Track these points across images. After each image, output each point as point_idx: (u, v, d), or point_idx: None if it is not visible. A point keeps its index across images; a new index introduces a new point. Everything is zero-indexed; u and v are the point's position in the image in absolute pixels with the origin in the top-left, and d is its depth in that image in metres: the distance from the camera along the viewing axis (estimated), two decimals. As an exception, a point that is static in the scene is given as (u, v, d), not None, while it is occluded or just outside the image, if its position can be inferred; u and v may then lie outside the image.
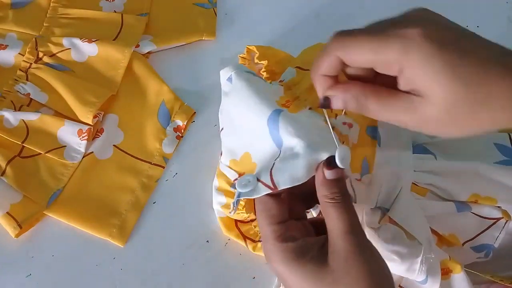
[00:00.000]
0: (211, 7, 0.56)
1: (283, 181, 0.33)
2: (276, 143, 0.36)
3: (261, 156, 0.37)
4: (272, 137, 0.36)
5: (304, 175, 0.32)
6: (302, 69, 0.44)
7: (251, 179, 0.34)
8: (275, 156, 0.35)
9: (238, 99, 0.39)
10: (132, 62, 0.51)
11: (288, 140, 0.35)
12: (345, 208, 0.31)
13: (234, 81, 0.39)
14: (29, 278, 0.44)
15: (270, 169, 0.34)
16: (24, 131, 0.46)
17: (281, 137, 0.35)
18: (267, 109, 0.36)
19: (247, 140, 0.39)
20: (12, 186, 0.45)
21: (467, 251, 0.42)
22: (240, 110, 0.39)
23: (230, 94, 0.40)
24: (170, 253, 0.45)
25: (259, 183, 0.34)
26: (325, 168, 0.32)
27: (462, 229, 0.42)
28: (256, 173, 0.35)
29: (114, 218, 0.46)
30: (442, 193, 0.42)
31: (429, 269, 0.38)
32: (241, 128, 0.39)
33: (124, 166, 0.48)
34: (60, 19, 0.52)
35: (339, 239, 0.30)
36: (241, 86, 0.38)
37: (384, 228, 0.38)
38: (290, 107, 0.39)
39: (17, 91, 0.48)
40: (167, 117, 0.50)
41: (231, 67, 0.40)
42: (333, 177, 0.32)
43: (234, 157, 0.40)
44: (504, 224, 0.43)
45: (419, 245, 0.37)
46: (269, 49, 0.48)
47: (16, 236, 0.44)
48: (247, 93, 0.38)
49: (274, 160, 0.35)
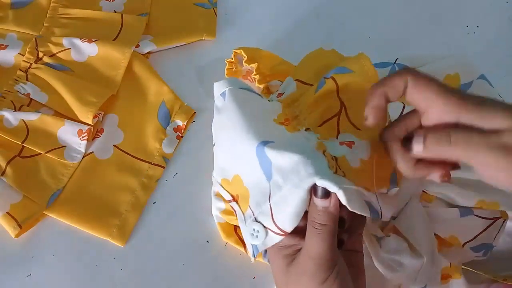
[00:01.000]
0: (211, 7, 0.56)
1: (288, 225, 0.33)
2: (266, 175, 0.35)
3: (252, 184, 0.36)
4: (262, 169, 0.35)
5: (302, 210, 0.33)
6: (304, 83, 0.43)
7: (259, 228, 0.35)
8: (265, 189, 0.35)
9: (229, 121, 0.38)
10: (132, 62, 0.51)
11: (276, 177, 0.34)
12: (323, 237, 0.32)
13: (227, 99, 0.38)
14: (29, 278, 0.44)
15: (270, 215, 0.34)
16: (24, 131, 0.46)
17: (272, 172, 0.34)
18: (254, 139, 0.35)
19: (237, 163, 0.38)
20: (12, 186, 0.45)
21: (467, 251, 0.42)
22: (230, 133, 0.38)
23: (222, 112, 0.39)
24: (170, 253, 0.45)
25: (269, 231, 0.34)
26: (316, 197, 0.32)
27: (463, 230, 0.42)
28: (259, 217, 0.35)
29: (114, 218, 0.46)
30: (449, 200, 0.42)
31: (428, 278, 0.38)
32: (229, 150, 0.39)
33: (124, 166, 0.48)
34: (60, 19, 0.52)
35: (303, 258, 0.33)
36: (232, 108, 0.37)
37: (388, 239, 0.38)
38: (288, 126, 0.38)
39: (17, 91, 0.48)
40: (167, 117, 0.50)
41: (226, 82, 0.39)
42: (322, 205, 0.32)
43: (226, 176, 0.40)
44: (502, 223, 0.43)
45: (421, 257, 0.37)
46: (257, 51, 0.47)
47: (16, 236, 0.44)
48: (237, 117, 0.37)
49: (267, 200, 0.34)
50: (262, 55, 0.48)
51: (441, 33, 0.55)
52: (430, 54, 0.53)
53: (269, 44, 0.54)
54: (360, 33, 0.55)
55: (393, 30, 0.56)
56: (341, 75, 0.38)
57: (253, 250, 0.36)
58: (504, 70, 0.54)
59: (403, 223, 0.39)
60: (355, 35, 0.55)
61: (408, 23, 0.56)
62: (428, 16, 0.56)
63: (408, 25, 0.56)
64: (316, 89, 0.39)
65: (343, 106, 0.38)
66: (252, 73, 0.47)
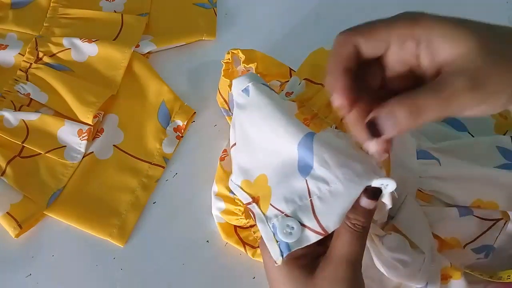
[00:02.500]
0: (211, 7, 0.56)
1: (333, 223, 0.30)
2: (300, 170, 0.32)
3: (280, 180, 0.34)
4: (299, 163, 0.32)
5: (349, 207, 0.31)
6: (313, 82, 0.42)
7: (294, 225, 0.31)
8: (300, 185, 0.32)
9: (258, 116, 0.35)
10: (132, 62, 0.51)
11: (322, 171, 0.31)
12: (360, 239, 0.30)
13: (252, 95, 0.36)
14: (29, 278, 0.44)
15: (311, 211, 0.31)
16: (24, 131, 0.46)
17: (313, 166, 0.32)
18: (298, 132, 0.33)
19: (265, 161, 0.36)
20: (12, 186, 0.45)
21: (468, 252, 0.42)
22: (260, 129, 0.35)
23: (247, 108, 0.36)
24: (170, 253, 0.45)
25: (305, 229, 0.31)
26: (365, 196, 0.31)
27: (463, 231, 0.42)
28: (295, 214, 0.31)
29: (114, 218, 0.46)
30: (446, 198, 0.42)
31: (429, 277, 0.38)
32: (258, 147, 0.36)
33: (124, 166, 0.48)
34: (60, 19, 0.52)
35: (339, 264, 0.30)
36: (262, 103, 0.35)
37: (389, 237, 0.38)
38: (310, 125, 0.36)
39: (17, 91, 0.48)
40: (167, 117, 0.50)
41: (247, 77, 0.37)
42: (368, 207, 0.31)
43: (247, 177, 0.37)
44: (503, 224, 0.43)
45: (422, 254, 0.37)
46: (253, 52, 0.47)
47: (16, 236, 0.44)
48: (271, 112, 0.34)
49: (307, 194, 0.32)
50: (259, 56, 0.47)
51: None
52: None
53: (269, 44, 0.54)
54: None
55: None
56: None
57: (280, 250, 0.31)
58: (504, 70, 0.54)
59: (401, 221, 0.39)
60: (355, 35, 0.55)
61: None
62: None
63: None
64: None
65: None
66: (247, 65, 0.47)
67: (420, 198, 0.42)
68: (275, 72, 0.48)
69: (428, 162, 0.42)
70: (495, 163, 0.43)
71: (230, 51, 0.46)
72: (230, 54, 0.46)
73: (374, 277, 0.40)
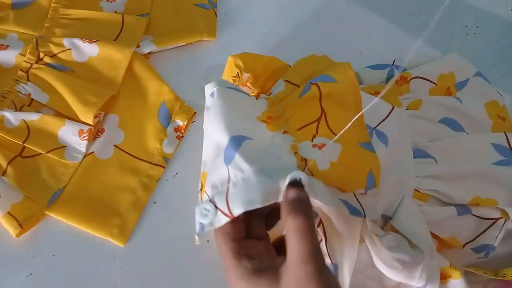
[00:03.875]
0: (211, 7, 0.56)
1: (238, 207, 0.32)
2: (225, 160, 0.35)
3: (212, 171, 0.37)
4: (225, 154, 0.35)
5: (259, 200, 0.32)
6: (291, 83, 0.43)
7: (210, 208, 0.34)
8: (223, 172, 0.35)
9: (212, 116, 0.38)
10: (132, 63, 0.51)
11: (241, 161, 0.34)
12: (307, 233, 0.30)
13: (214, 98, 0.39)
14: (29, 277, 0.44)
15: (225, 195, 0.34)
16: (25, 131, 0.46)
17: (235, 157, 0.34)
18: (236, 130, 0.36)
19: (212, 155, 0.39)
20: (13, 186, 0.45)
21: (468, 252, 0.42)
22: (212, 126, 0.38)
23: (210, 109, 0.40)
24: (170, 253, 0.45)
25: (218, 211, 0.34)
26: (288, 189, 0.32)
27: (462, 231, 0.42)
28: (211, 198, 0.35)
29: (115, 218, 0.46)
30: (444, 197, 0.42)
31: (428, 276, 0.38)
32: (210, 141, 0.39)
33: (125, 166, 0.48)
34: (61, 20, 0.52)
35: (295, 265, 0.30)
36: (217, 104, 0.38)
37: (389, 236, 0.38)
38: (269, 124, 0.38)
39: (18, 91, 0.48)
40: (168, 117, 0.50)
41: (215, 83, 0.40)
42: (294, 196, 0.31)
43: (204, 169, 0.40)
44: (503, 223, 0.43)
45: (421, 253, 0.37)
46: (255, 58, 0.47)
47: (17, 236, 0.44)
48: (219, 110, 0.38)
49: (227, 181, 0.34)
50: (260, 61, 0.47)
51: (441, 33, 0.55)
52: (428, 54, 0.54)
53: (269, 45, 0.54)
54: (359, 33, 0.55)
55: (392, 30, 0.56)
56: (325, 83, 0.40)
57: (199, 230, 0.35)
58: (504, 70, 0.54)
59: (400, 221, 0.39)
60: (355, 35, 0.55)
61: (407, 23, 0.56)
62: (428, 16, 0.56)
63: (407, 25, 0.56)
64: (301, 92, 0.40)
65: (324, 113, 0.39)
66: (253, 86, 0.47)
67: (417, 198, 0.42)
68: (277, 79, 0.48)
69: (425, 161, 0.42)
70: (491, 160, 0.43)
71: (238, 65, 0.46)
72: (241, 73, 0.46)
73: (373, 276, 0.40)
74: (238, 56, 0.46)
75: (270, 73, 0.47)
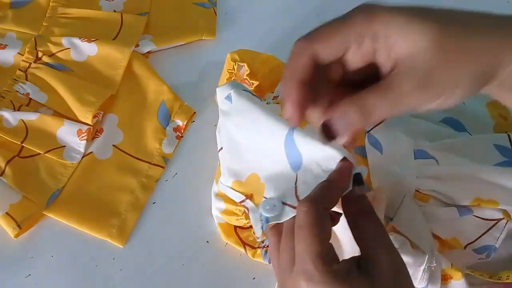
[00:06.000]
0: (211, 6, 0.56)
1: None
2: (292, 166, 0.35)
3: (273, 177, 0.36)
4: (289, 160, 0.35)
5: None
6: None
7: (276, 203, 0.33)
8: (290, 178, 0.35)
9: (243, 120, 0.37)
10: (131, 62, 0.50)
11: (307, 161, 0.34)
12: (378, 220, 0.30)
13: (235, 101, 0.38)
14: (28, 278, 0.44)
15: (294, 191, 0.33)
16: (23, 131, 0.46)
17: (301, 158, 0.34)
18: (280, 130, 0.35)
19: (254, 161, 0.38)
20: (11, 186, 0.45)
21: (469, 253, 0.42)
22: (246, 131, 0.38)
23: (231, 114, 0.39)
24: (170, 253, 0.45)
25: (285, 206, 0.33)
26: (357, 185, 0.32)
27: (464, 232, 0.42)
28: (280, 197, 0.34)
29: (114, 218, 0.46)
30: (445, 198, 0.42)
31: (430, 277, 0.38)
32: (246, 149, 0.38)
33: (124, 166, 0.48)
34: (59, 19, 0.52)
35: (383, 253, 0.29)
36: (246, 107, 0.37)
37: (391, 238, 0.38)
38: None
39: (17, 91, 0.48)
40: (167, 117, 0.50)
41: (229, 85, 0.39)
42: (362, 192, 0.31)
43: (238, 178, 0.39)
44: (505, 224, 0.43)
45: (423, 254, 0.37)
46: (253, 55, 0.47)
47: (16, 236, 0.44)
48: (255, 113, 0.37)
49: (294, 183, 0.34)
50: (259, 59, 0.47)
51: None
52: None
53: (269, 44, 0.54)
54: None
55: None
56: None
57: (262, 225, 0.34)
58: (504, 70, 0.54)
59: (401, 222, 0.39)
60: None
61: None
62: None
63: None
64: None
65: None
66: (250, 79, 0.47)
67: (418, 199, 0.42)
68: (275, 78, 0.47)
69: (426, 162, 0.42)
70: (493, 161, 0.43)
71: (234, 59, 0.46)
72: (235, 64, 0.46)
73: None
74: (236, 51, 0.47)
75: (269, 72, 0.47)
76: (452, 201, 0.42)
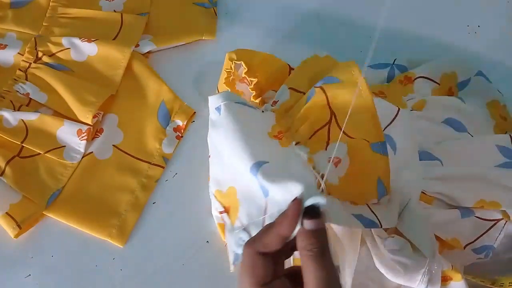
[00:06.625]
0: (211, 6, 0.56)
1: None
2: (262, 190, 0.35)
3: (246, 196, 0.37)
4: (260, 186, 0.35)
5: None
6: (297, 91, 0.43)
7: (245, 238, 0.35)
8: (260, 204, 0.35)
9: (225, 137, 0.38)
10: (131, 62, 0.50)
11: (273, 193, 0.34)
12: (322, 262, 0.29)
13: (222, 114, 0.38)
14: (28, 278, 0.44)
15: (262, 226, 0.34)
16: (23, 131, 0.46)
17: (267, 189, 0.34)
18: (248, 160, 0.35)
19: (233, 176, 0.39)
20: (11, 186, 0.45)
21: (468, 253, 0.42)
22: (226, 149, 0.38)
23: (218, 127, 0.39)
24: (170, 253, 0.45)
25: None
26: (305, 218, 0.30)
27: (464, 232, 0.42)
28: (246, 227, 0.35)
29: (114, 219, 0.46)
30: (449, 200, 0.42)
31: (430, 279, 0.37)
32: (227, 162, 0.39)
33: (124, 166, 0.48)
34: (59, 19, 0.52)
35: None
36: (228, 124, 0.37)
37: (391, 240, 0.38)
38: (282, 140, 0.38)
39: (17, 91, 0.48)
40: (167, 117, 0.50)
41: (221, 96, 0.39)
42: (312, 227, 0.30)
43: (220, 187, 0.40)
44: (503, 224, 0.43)
45: (424, 258, 0.37)
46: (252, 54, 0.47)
47: (16, 236, 0.44)
48: (233, 135, 0.37)
49: (263, 212, 0.34)
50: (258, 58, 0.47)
51: (442, 33, 0.55)
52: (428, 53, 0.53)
53: (269, 44, 0.54)
54: (360, 33, 0.55)
55: (393, 30, 0.55)
56: (329, 85, 0.39)
57: (234, 258, 0.36)
58: (504, 70, 0.54)
59: (404, 224, 0.39)
60: (355, 35, 0.55)
61: (408, 23, 0.56)
62: (429, 16, 0.56)
63: (408, 25, 0.56)
64: (306, 98, 0.40)
65: (333, 114, 0.38)
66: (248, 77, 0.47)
67: (423, 200, 0.42)
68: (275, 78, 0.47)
69: (431, 163, 0.42)
70: (496, 162, 0.43)
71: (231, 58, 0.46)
72: (233, 63, 0.46)
73: (374, 278, 0.40)
74: (234, 51, 0.46)
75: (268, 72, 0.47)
76: (456, 203, 0.42)
